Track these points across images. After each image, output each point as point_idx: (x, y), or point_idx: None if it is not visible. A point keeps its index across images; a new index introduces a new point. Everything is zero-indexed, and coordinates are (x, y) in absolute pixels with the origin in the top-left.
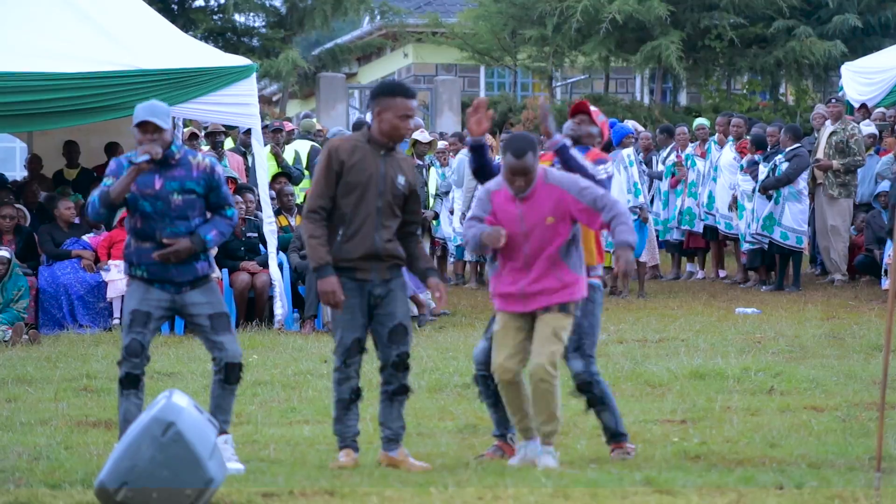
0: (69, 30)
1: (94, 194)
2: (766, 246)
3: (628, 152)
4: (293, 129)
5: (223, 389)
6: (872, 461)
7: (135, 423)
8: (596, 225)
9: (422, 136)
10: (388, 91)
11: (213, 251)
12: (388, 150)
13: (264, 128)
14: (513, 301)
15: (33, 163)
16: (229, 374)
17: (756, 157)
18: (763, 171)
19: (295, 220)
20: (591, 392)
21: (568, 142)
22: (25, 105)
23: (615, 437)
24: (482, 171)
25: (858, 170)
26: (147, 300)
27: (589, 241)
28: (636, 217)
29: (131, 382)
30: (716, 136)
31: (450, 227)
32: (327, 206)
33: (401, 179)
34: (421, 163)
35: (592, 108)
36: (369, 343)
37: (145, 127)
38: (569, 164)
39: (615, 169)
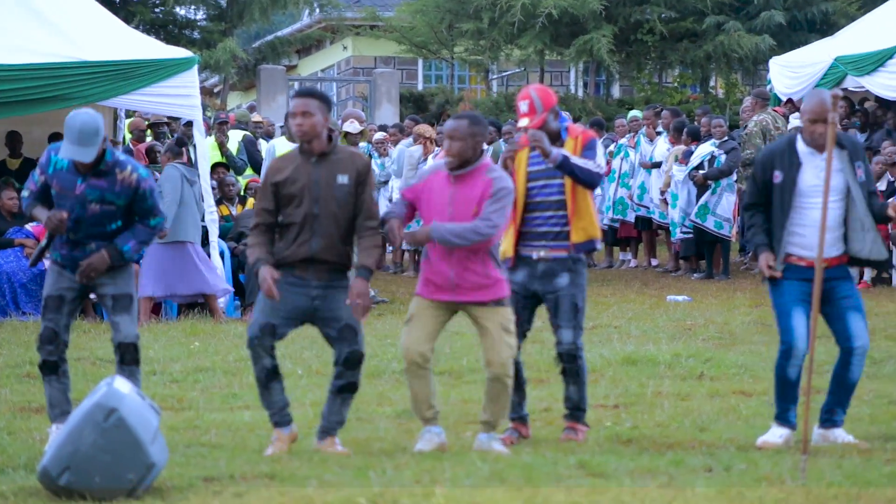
0: (11, 21)
1: (24, 195)
2: (693, 234)
3: None
4: (230, 120)
5: (122, 370)
6: (799, 444)
7: (77, 409)
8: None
9: (351, 126)
10: (293, 96)
11: None
12: (321, 155)
13: (212, 120)
14: (440, 290)
15: None
16: (124, 354)
17: (692, 147)
18: (694, 158)
19: (236, 210)
20: (573, 363)
21: (563, 152)
22: None
23: (576, 411)
24: None
25: None
26: (59, 285)
27: (591, 213)
28: None
29: (50, 368)
30: (644, 129)
31: None
32: (266, 220)
33: (341, 179)
34: None
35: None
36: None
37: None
38: (575, 174)
39: None
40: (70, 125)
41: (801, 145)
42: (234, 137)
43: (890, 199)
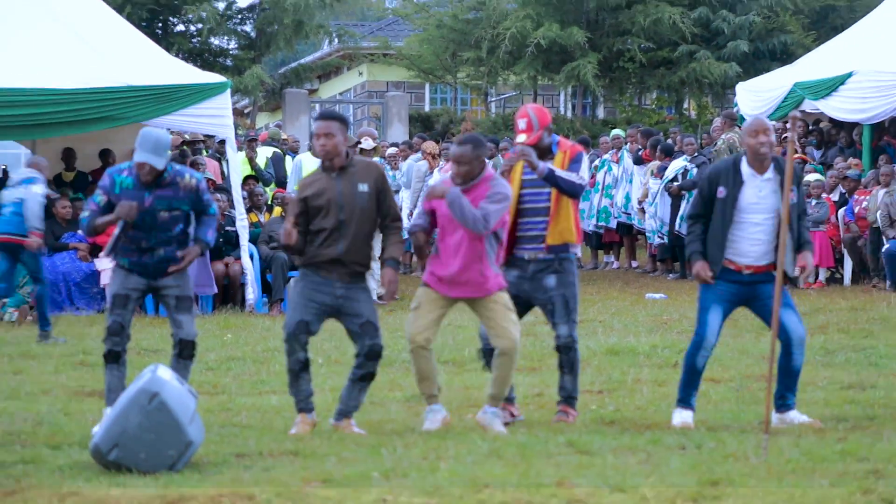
0: (66, 50)
1: (85, 214)
2: (668, 239)
3: None
4: (262, 137)
5: (178, 363)
6: (761, 425)
7: (124, 394)
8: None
9: (366, 143)
10: (317, 118)
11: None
12: (341, 170)
13: (243, 138)
14: (443, 284)
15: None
16: (183, 349)
17: (665, 162)
18: (669, 172)
19: (264, 217)
20: (568, 354)
21: (549, 165)
22: (29, 117)
23: (568, 399)
24: None
25: None
26: (126, 285)
27: (570, 220)
28: None
29: (113, 357)
30: (627, 146)
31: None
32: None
33: (362, 187)
34: None
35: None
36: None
37: (142, 165)
38: (559, 185)
39: None
40: (146, 137)
41: (744, 166)
42: (263, 153)
43: (840, 210)
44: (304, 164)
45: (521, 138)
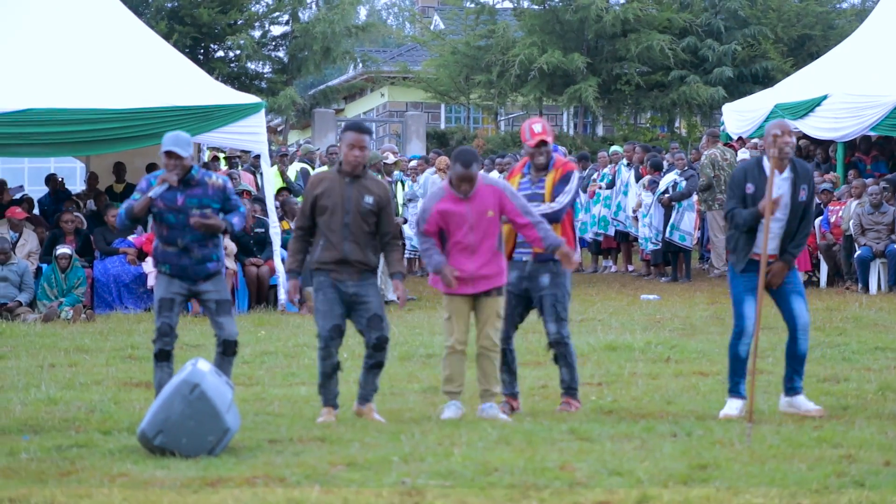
0: (119, 74)
1: (123, 207)
2: (661, 246)
3: None
4: (298, 153)
5: (222, 360)
6: (746, 414)
7: (168, 385)
8: (518, 224)
9: (388, 158)
10: (346, 129)
11: (229, 250)
12: (355, 178)
13: (275, 153)
14: (466, 285)
15: (91, 179)
16: (226, 348)
17: (655, 177)
18: (662, 185)
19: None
20: (561, 349)
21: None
22: (85, 133)
23: (569, 390)
24: None
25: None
26: (170, 290)
27: (563, 227)
28: None
29: (164, 356)
30: (624, 160)
31: (412, 230)
32: (305, 224)
33: (368, 199)
34: (389, 179)
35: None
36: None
37: (170, 155)
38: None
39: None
40: (167, 136)
41: (766, 165)
42: (293, 168)
43: (817, 219)
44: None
45: (540, 136)
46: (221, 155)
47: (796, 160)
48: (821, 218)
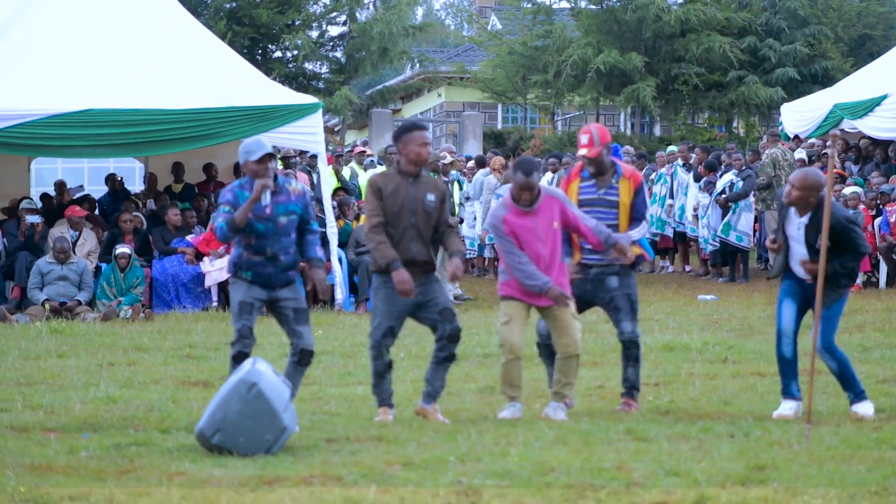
0: (178, 76)
1: (220, 221)
2: (719, 246)
3: None
4: (363, 152)
5: (295, 370)
6: (804, 415)
7: (225, 384)
8: (582, 231)
9: (445, 158)
10: (406, 129)
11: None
12: (416, 177)
13: (332, 153)
14: (532, 296)
15: (151, 180)
16: (302, 357)
17: (711, 177)
18: (719, 185)
19: (352, 224)
20: (635, 348)
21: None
22: (144, 134)
23: (632, 389)
24: None
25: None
26: (250, 294)
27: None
28: None
29: (243, 358)
30: (680, 161)
31: (469, 229)
32: (382, 219)
33: (430, 197)
34: (446, 178)
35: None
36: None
37: (265, 158)
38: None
39: None
40: (246, 143)
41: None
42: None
43: (876, 220)
44: None
45: (583, 152)
46: (278, 155)
47: (832, 207)
48: (880, 219)
